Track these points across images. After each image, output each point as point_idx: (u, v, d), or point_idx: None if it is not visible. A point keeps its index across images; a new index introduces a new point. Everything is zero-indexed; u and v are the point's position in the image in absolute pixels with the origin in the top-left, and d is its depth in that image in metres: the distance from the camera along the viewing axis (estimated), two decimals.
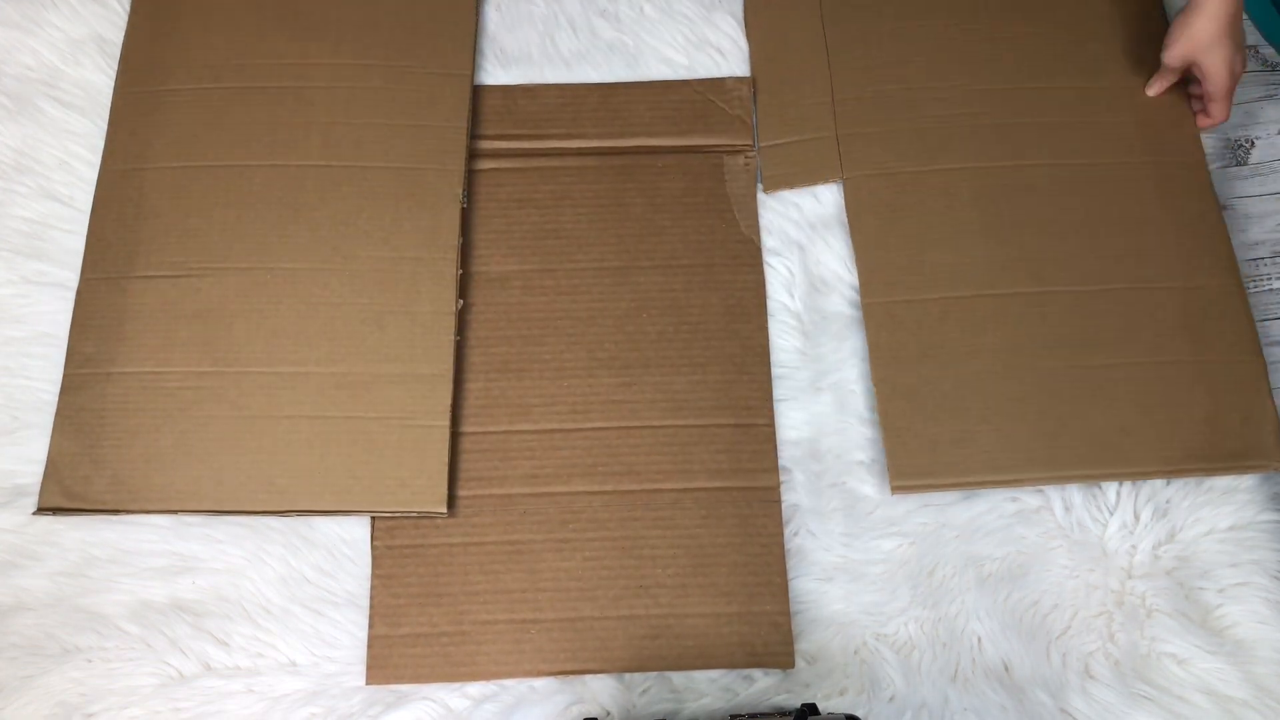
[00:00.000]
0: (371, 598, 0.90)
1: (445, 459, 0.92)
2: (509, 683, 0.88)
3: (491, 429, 0.94)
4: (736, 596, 0.90)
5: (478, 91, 1.07)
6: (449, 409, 0.93)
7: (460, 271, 0.98)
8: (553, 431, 0.94)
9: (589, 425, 0.95)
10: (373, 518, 0.92)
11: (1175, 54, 1.00)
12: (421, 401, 0.93)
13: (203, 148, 1.02)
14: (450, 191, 1.00)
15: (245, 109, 1.04)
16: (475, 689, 0.87)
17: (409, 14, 1.08)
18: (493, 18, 1.10)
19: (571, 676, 0.88)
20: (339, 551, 0.92)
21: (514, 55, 1.08)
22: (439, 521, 0.91)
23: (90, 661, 0.87)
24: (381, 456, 0.92)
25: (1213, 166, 1.05)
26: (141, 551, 0.91)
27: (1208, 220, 1.00)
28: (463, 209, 1.00)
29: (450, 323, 0.96)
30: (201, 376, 0.94)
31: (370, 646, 0.88)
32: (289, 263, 0.98)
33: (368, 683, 0.87)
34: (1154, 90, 1.05)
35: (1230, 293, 0.98)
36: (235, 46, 1.06)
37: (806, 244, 1.02)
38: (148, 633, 0.88)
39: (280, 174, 1.01)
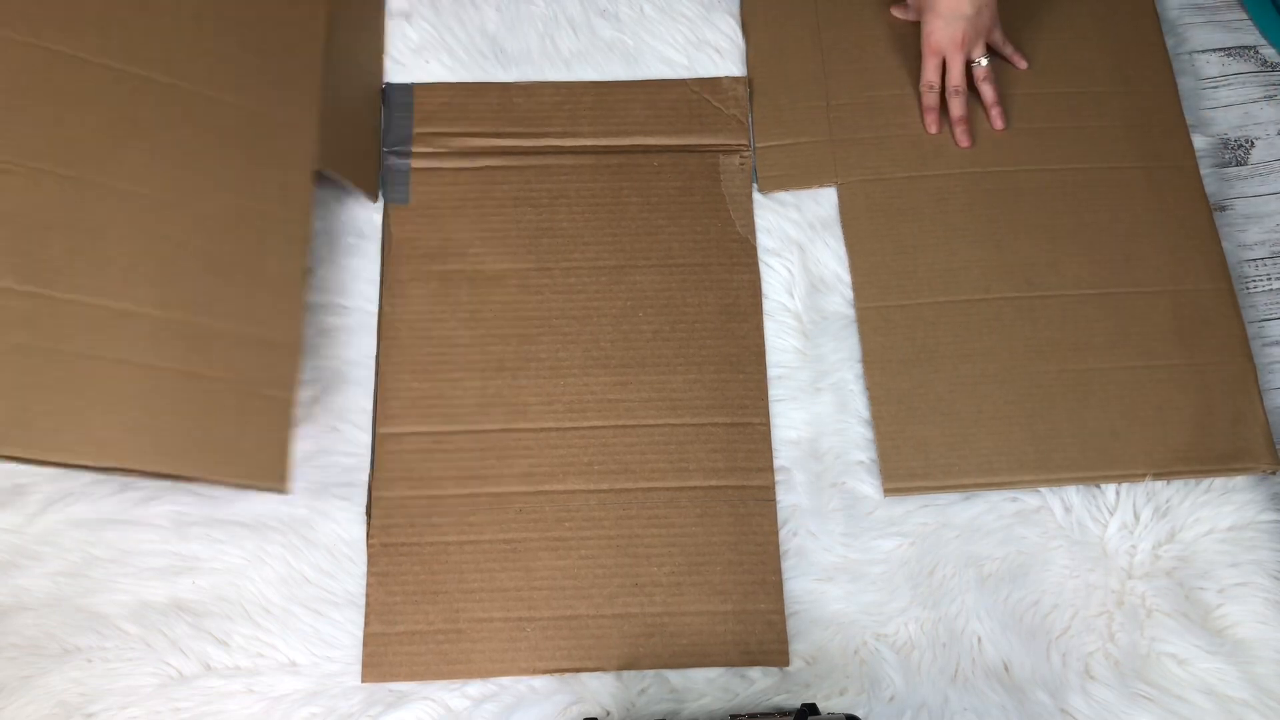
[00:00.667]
0: (367, 595, 0.90)
1: (289, 433, 0.86)
2: (508, 682, 0.88)
3: (488, 427, 0.94)
4: (731, 595, 0.90)
5: (475, 88, 1.07)
6: (296, 380, 0.88)
7: (311, 234, 0.91)
8: (549, 430, 0.94)
9: (585, 424, 0.95)
10: (367, 516, 0.92)
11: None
12: (267, 369, 0.86)
13: (12, 17, 0.83)
14: (304, 150, 0.93)
15: None
16: (475, 689, 0.88)
17: None
18: (492, 18, 1.10)
19: (568, 675, 0.88)
20: (339, 551, 0.92)
21: (514, 55, 1.09)
22: (435, 519, 0.91)
23: (90, 661, 0.87)
24: (220, 421, 0.83)
25: (1211, 167, 1.05)
26: (141, 551, 0.91)
27: (1199, 224, 1.00)
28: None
29: (298, 289, 0.90)
30: (7, 294, 0.78)
31: (365, 644, 0.88)
32: (122, 183, 0.84)
33: (363, 680, 0.87)
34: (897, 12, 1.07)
35: (1221, 296, 0.98)
36: None
37: (806, 244, 1.02)
38: (148, 633, 0.88)
39: (117, 78, 0.86)
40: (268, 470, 0.86)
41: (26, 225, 0.80)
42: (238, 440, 0.84)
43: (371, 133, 1.04)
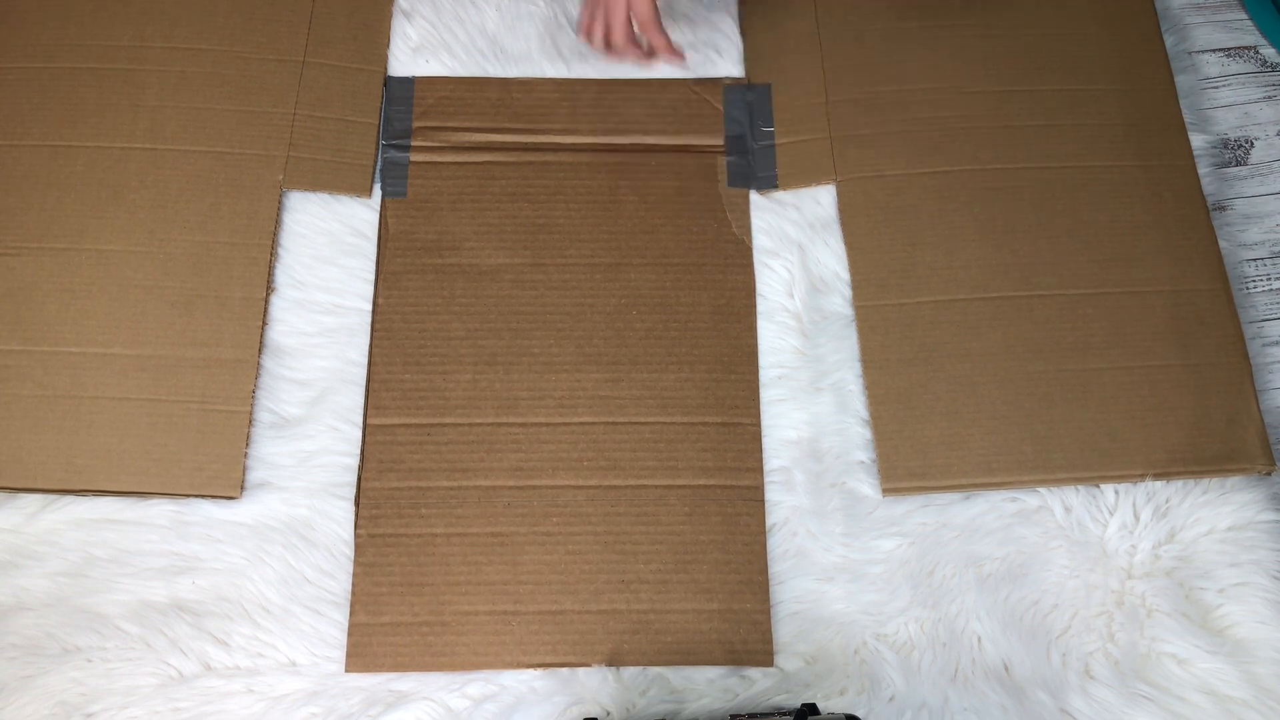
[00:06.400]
0: (353, 586, 0.90)
1: (243, 443, 0.93)
2: (509, 682, 0.88)
3: (478, 421, 0.95)
4: (718, 594, 0.90)
5: (475, 83, 1.07)
6: (251, 394, 0.95)
7: (274, 257, 0.99)
8: (539, 425, 0.95)
9: (575, 420, 0.95)
10: (355, 506, 0.92)
11: None
12: (223, 386, 0.95)
13: (29, 127, 1.03)
14: (271, 178, 1.02)
15: (75, 89, 1.05)
16: (475, 689, 0.87)
17: (246, 0, 1.09)
18: (492, 17, 1.10)
19: (566, 676, 0.88)
20: (338, 551, 0.92)
21: (514, 54, 1.09)
22: (423, 511, 0.92)
23: (90, 661, 0.88)
24: (180, 440, 0.93)
25: (1211, 166, 1.05)
26: (141, 551, 0.91)
27: (1196, 224, 1.01)
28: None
29: (259, 309, 0.98)
30: (8, 355, 0.95)
31: (350, 635, 0.89)
32: (105, 245, 0.99)
33: (346, 670, 0.88)
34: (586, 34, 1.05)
35: (1218, 296, 0.98)
36: (71, 26, 1.07)
37: (806, 244, 1.02)
38: (148, 633, 0.88)
39: (104, 156, 1.02)
40: (220, 481, 0.93)
41: (27, 295, 0.98)
42: (195, 455, 0.93)
43: (367, 129, 1.05)
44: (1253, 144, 1.09)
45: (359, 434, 0.95)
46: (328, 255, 1.01)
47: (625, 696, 0.87)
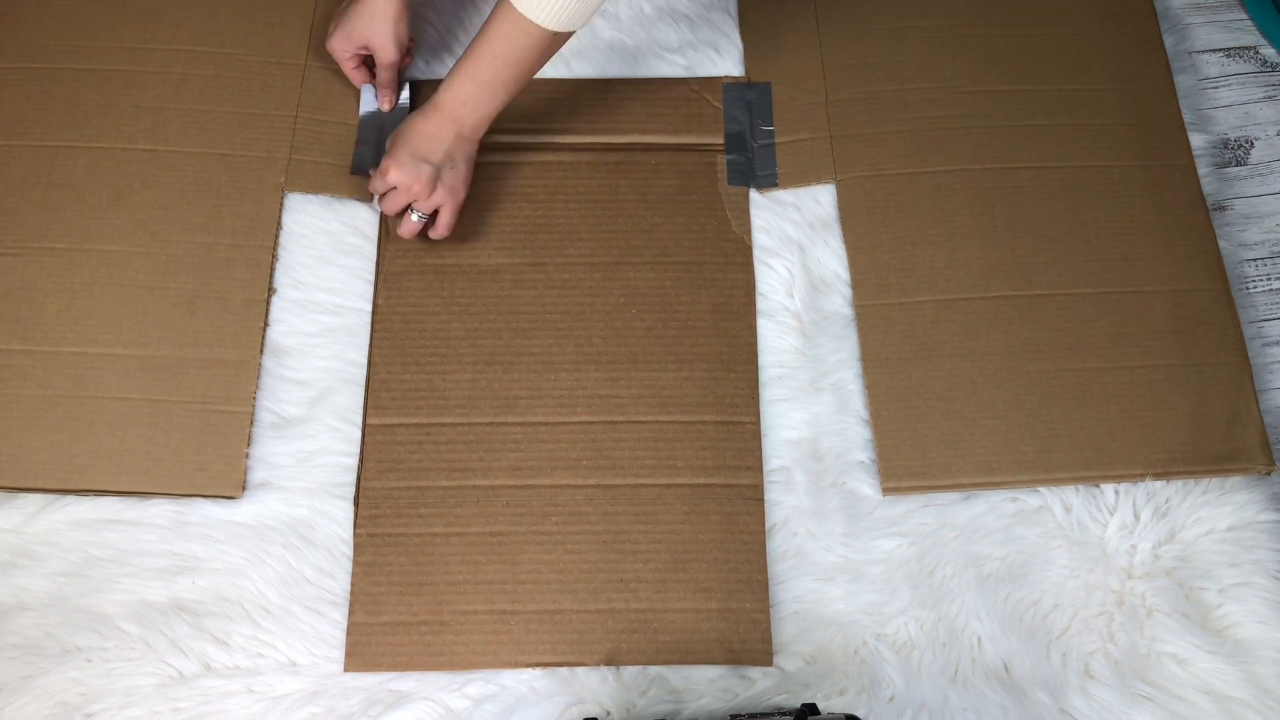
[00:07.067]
0: (352, 585, 0.90)
1: (244, 444, 0.94)
2: (509, 682, 0.88)
3: (477, 420, 0.95)
4: (716, 593, 0.90)
5: None
6: (253, 395, 0.95)
7: (275, 259, 0.99)
8: (538, 425, 0.95)
9: (575, 419, 0.95)
10: (354, 506, 0.92)
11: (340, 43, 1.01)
12: (224, 386, 0.95)
13: (29, 127, 1.04)
14: (273, 180, 1.02)
15: (77, 90, 1.05)
16: (475, 689, 0.87)
17: (248, 3, 1.09)
18: None
19: (566, 675, 0.88)
20: (338, 551, 0.92)
21: None
22: (422, 511, 0.92)
23: (90, 661, 0.87)
24: (181, 439, 0.93)
25: (1211, 166, 1.05)
26: (141, 551, 0.91)
27: (1196, 224, 1.01)
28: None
29: (261, 310, 0.98)
30: (9, 355, 0.95)
31: (349, 634, 0.88)
32: (106, 245, 0.99)
33: (345, 670, 0.88)
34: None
35: (1217, 296, 0.98)
36: (73, 27, 1.07)
37: (806, 244, 1.02)
38: (148, 633, 0.88)
39: (105, 156, 1.03)
40: (222, 481, 0.93)
41: (27, 295, 0.98)
42: (196, 455, 0.93)
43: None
44: (1253, 144, 1.09)
45: (359, 434, 0.95)
46: (328, 256, 1.01)
47: (625, 696, 0.87)
